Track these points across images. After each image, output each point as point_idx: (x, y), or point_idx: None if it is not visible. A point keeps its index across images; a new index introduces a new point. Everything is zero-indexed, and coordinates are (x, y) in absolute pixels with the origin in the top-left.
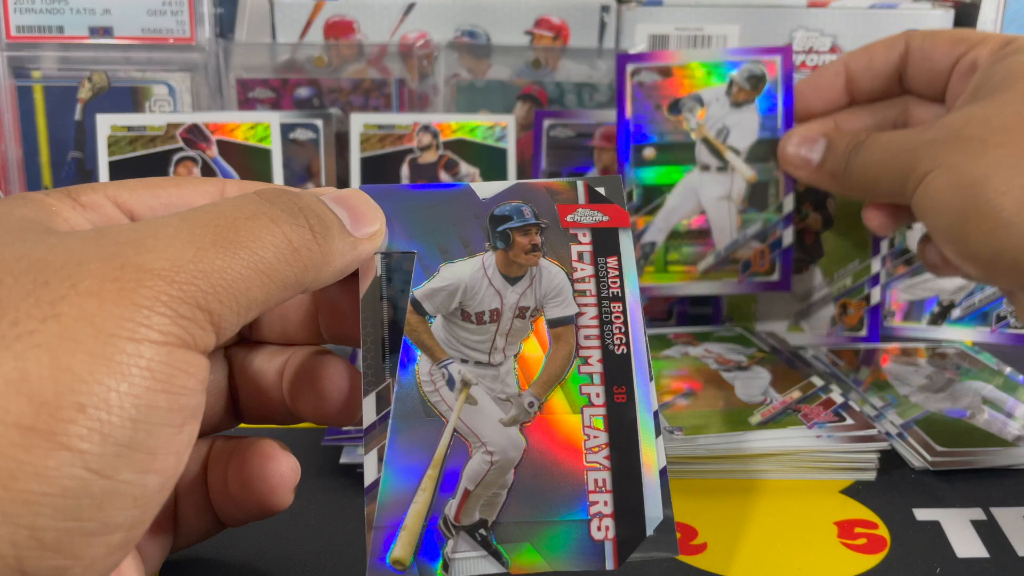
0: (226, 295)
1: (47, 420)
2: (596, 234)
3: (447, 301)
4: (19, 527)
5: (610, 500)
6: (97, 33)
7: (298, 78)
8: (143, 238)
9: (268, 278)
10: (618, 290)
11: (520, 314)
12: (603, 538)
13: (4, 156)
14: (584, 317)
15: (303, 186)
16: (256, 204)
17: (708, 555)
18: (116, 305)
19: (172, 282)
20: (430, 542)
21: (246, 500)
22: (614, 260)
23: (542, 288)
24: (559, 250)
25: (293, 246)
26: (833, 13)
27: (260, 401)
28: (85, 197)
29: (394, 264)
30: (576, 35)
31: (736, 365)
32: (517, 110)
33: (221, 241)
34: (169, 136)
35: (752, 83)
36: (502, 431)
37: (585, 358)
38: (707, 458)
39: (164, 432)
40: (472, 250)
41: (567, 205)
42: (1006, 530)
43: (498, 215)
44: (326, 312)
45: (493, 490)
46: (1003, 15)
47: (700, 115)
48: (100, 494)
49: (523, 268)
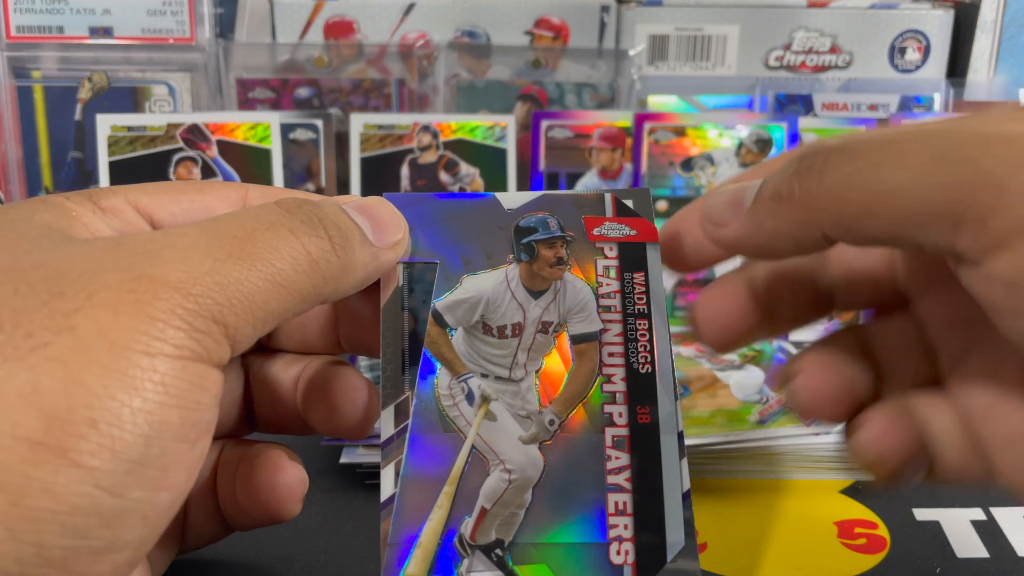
0: (242, 308)
1: (58, 435)
2: (623, 248)
3: (468, 314)
4: (25, 544)
5: (630, 524)
6: (97, 33)
7: (298, 78)
8: (160, 249)
9: (286, 290)
10: (644, 307)
11: (543, 329)
12: (622, 563)
13: (4, 156)
14: (608, 334)
15: (303, 186)
16: (275, 215)
17: (708, 555)
18: (131, 318)
19: (188, 295)
20: (445, 560)
21: (254, 509)
22: (640, 276)
23: (566, 303)
24: (584, 264)
25: (312, 258)
26: (833, 13)
27: (275, 410)
28: (106, 201)
29: (416, 274)
30: (576, 35)
31: (729, 364)
32: (517, 110)
33: (238, 253)
34: (169, 136)
35: (760, 146)
36: (521, 449)
37: (608, 376)
38: (706, 457)
39: (176, 448)
40: (495, 262)
41: (594, 218)
42: (1006, 530)
43: (523, 227)
44: (346, 321)
45: (510, 509)
46: (1003, 15)
47: (710, 172)
48: (109, 512)
49: (547, 282)
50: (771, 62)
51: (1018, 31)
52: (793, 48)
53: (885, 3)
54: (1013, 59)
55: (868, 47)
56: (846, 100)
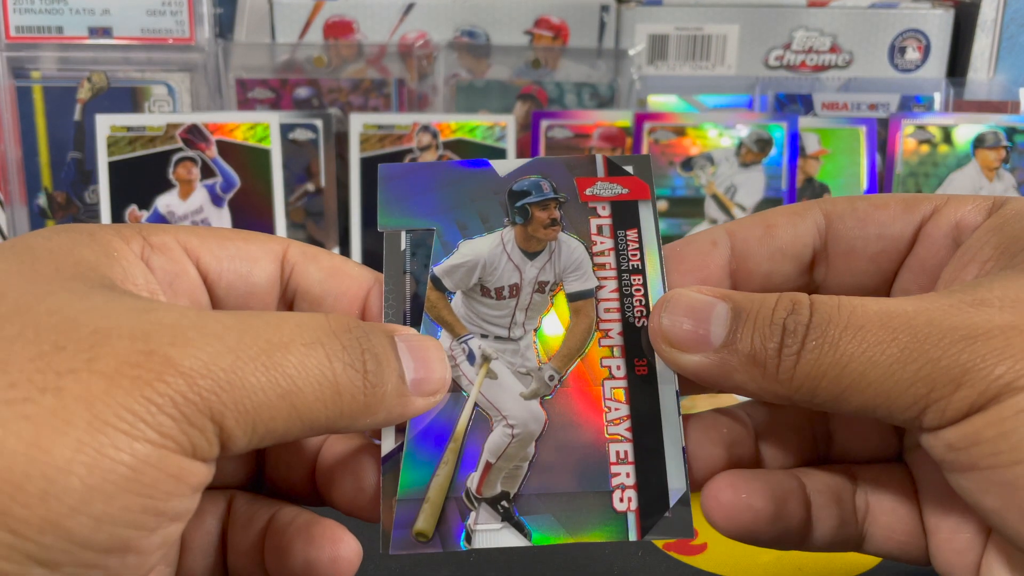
0: (244, 418)
1: (2, 499)
2: (615, 207)
3: (466, 277)
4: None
5: (632, 472)
6: (96, 33)
7: (297, 78)
8: (185, 328)
9: (297, 414)
10: (638, 263)
11: (539, 289)
12: (625, 509)
13: (4, 156)
14: (604, 290)
15: (302, 186)
16: (319, 333)
17: (708, 555)
18: (125, 393)
19: (193, 384)
20: (452, 514)
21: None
22: (634, 233)
23: (561, 262)
24: (578, 224)
25: (338, 388)
26: (833, 13)
27: (288, 474)
28: (156, 238)
29: (416, 240)
30: (576, 35)
31: None
32: (517, 110)
33: (264, 358)
34: (168, 136)
35: (760, 146)
36: (523, 405)
37: (605, 331)
38: None
39: (128, 535)
40: (491, 226)
41: (586, 179)
42: None
43: (516, 190)
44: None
45: (514, 463)
46: (1003, 14)
47: (710, 172)
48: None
49: (542, 243)
50: (771, 62)
51: (1018, 31)
52: (793, 48)
53: (885, 3)
54: (1013, 59)
55: (868, 47)
56: (846, 100)
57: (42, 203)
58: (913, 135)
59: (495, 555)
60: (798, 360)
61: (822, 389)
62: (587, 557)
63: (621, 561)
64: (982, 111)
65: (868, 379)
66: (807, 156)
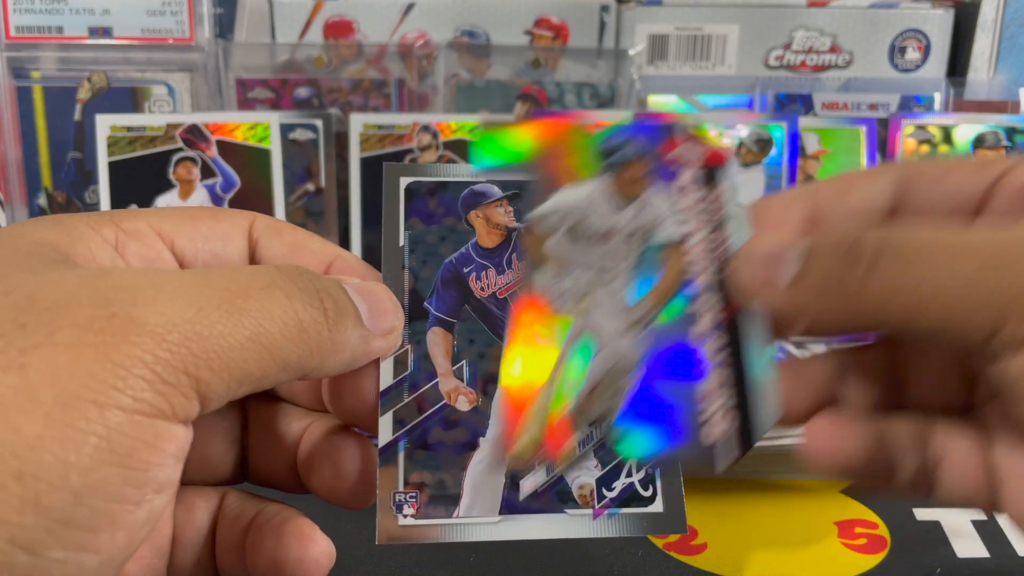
0: (219, 364)
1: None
2: (698, 168)
3: (559, 223)
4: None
5: (730, 395)
6: (96, 33)
7: (297, 78)
8: (145, 287)
9: (269, 354)
10: (721, 218)
11: (630, 237)
12: (723, 430)
13: (4, 156)
14: (690, 242)
15: (302, 186)
16: (273, 276)
17: (708, 555)
18: (91, 362)
19: (162, 340)
20: (554, 436)
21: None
22: (715, 192)
23: (649, 214)
24: (664, 181)
25: (302, 325)
26: (833, 13)
27: (271, 463)
28: (128, 224)
29: (415, 237)
30: (576, 35)
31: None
32: (517, 110)
33: (227, 306)
34: (169, 136)
35: (760, 146)
36: (618, 337)
37: (691, 281)
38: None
39: (111, 509)
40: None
41: (672, 140)
42: (1006, 530)
43: (612, 145)
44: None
45: (611, 392)
46: (1003, 15)
47: None
48: (23, 571)
49: (630, 198)
50: (771, 62)
51: (1018, 31)
52: (793, 48)
53: (885, 2)
54: (1013, 59)
55: (868, 47)
56: (846, 100)
57: (42, 203)
58: (913, 135)
59: (495, 555)
60: (868, 280)
61: (895, 307)
62: (587, 557)
63: (621, 561)
64: (982, 111)
65: (941, 299)
66: (807, 156)
